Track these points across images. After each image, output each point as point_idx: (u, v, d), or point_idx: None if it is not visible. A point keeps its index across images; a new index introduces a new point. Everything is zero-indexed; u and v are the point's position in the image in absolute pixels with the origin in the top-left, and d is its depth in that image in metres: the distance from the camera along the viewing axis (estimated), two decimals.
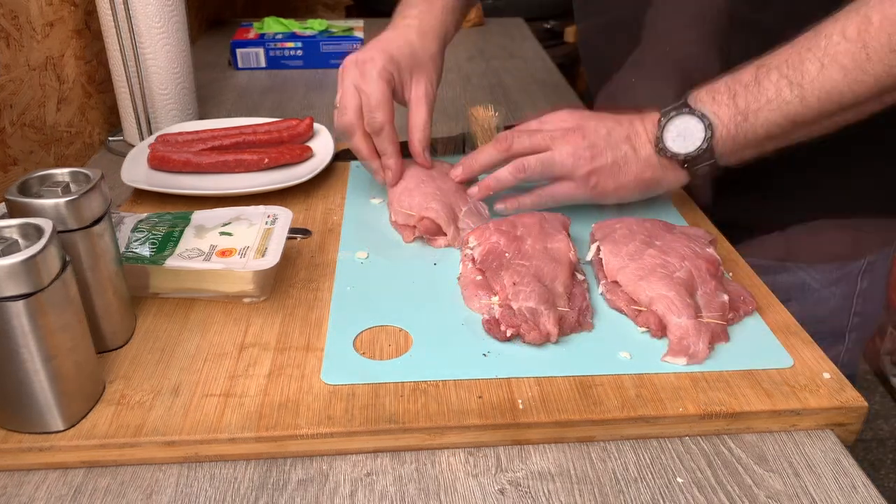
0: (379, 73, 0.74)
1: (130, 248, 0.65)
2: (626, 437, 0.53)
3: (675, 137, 0.68)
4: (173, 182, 0.84)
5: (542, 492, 0.49)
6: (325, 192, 0.84)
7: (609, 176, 0.70)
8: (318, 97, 1.20)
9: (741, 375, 0.56)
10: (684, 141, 0.67)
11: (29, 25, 0.86)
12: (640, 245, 0.65)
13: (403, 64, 0.77)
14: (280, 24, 1.39)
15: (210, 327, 0.61)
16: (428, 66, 0.79)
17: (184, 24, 0.99)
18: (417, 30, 0.80)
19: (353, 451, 0.52)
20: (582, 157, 0.69)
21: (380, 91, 0.74)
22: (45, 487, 0.49)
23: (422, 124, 0.78)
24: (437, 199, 0.73)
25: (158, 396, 0.54)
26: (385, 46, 0.77)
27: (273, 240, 0.66)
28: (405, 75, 0.78)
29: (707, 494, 0.48)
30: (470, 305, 0.63)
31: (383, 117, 0.74)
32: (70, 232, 0.53)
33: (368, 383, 0.55)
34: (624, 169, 0.70)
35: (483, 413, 0.52)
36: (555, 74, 1.32)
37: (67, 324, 0.49)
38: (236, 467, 0.51)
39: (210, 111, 1.14)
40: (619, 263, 0.64)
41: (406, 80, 0.78)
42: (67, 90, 0.95)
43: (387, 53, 0.76)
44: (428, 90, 0.79)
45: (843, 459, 0.51)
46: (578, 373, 0.56)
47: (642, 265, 0.63)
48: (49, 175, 0.55)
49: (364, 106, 0.75)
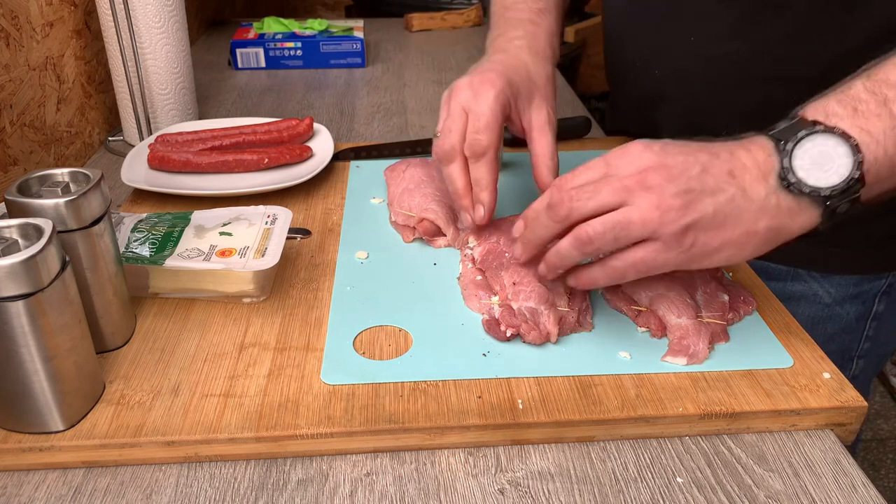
0: (496, 94, 0.64)
1: (130, 248, 0.65)
2: (626, 437, 0.53)
3: (810, 167, 0.50)
4: (173, 182, 0.84)
5: (542, 492, 0.49)
6: (325, 192, 0.84)
7: (711, 231, 0.51)
8: (317, 97, 1.20)
9: (741, 375, 0.56)
10: (823, 170, 0.50)
11: (29, 25, 0.86)
12: None
13: (522, 88, 0.67)
14: (280, 24, 1.39)
15: (210, 327, 0.61)
16: (546, 89, 0.69)
17: (183, 24, 0.99)
18: (529, 50, 0.71)
19: (353, 451, 0.52)
20: (671, 209, 0.50)
21: (492, 113, 0.64)
22: (44, 487, 0.49)
23: (549, 152, 0.66)
24: (437, 200, 0.73)
25: (158, 396, 0.54)
26: (502, 69, 0.67)
27: (273, 240, 0.66)
28: (523, 101, 0.67)
29: (707, 494, 0.48)
30: (469, 305, 0.63)
31: (488, 141, 0.63)
32: (70, 232, 0.53)
33: (368, 383, 0.55)
34: (732, 219, 0.51)
35: (483, 413, 0.52)
36: None
37: (67, 324, 0.49)
38: (236, 467, 0.51)
39: (210, 111, 1.14)
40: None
41: (524, 106, 0.68)
42: (67, 90, 0.95)
43: (505, 76, 0.66)
44: (551, 116, 0.68)
45: (842, 459, 0.51)
46: (578, 373, 0.56)
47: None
48: (49, 175, 0.55)
49: (470, 127, 0.64)
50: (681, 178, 0.50)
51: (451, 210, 0.73)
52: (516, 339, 0.59)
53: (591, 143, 0.97)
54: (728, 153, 0.52)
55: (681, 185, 0.50)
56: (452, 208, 0.74)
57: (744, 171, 0.51)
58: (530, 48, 0.71)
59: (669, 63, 0.78)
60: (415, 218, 0.72)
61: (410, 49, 1.47)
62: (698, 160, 0.51)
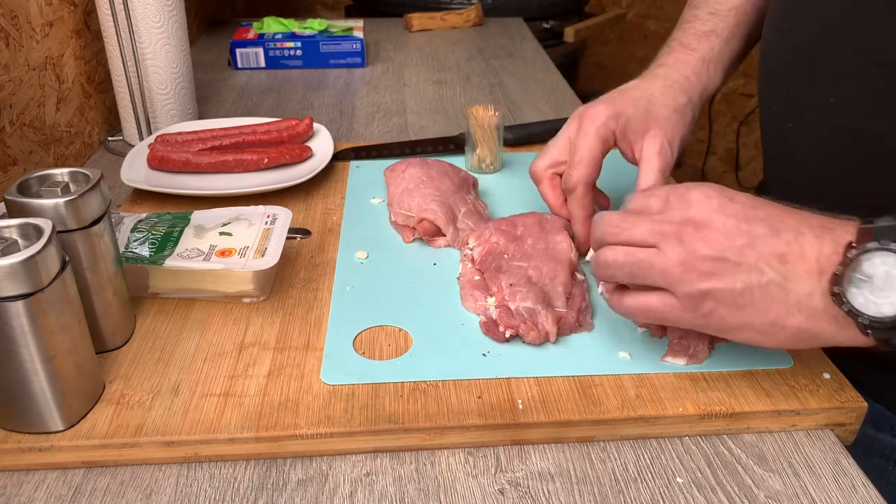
0: (597, 129, 0.65)
1: (130, 248, 0.65)
2: (626, 437, 0.53)
3: (867, 285, 0.44)
4: (173, 182, 0.84)
5: (542, 492, 0.49)
6: (325, 192, 0.84)
7: (732, 307, 0.47)
8: (317, 97, 1.20)
9: (741, 375, 0.56)
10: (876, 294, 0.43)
11: (28, 25, 0.86)
12: None
13: (634, 121, 0.66)
14: (279, 24, 1.39)
15: (210, 327, 0.61)
16: (668, 120, 0.67)
17: (183, 24, 0.99)
18: (664, 80, 0.70)
19: (353, 451, 0.52)
20: (693, 270, 0.47)
21: (588, 149, 0.64)
22: (44, 487, 0.49)
23: (649, 184, 0.64)
24: (436, 200, 0.73)
25: (158, 396, 0.54)
26: (616, 99, 0.67)
27: (272, 240, 0.66)
28: (634, 133, 0.66)
29: (707, 494, 0.48)
30: (465, 306, 0.63)
31: (578, 177, 0.65)
32: (69, 232, 0.53)
33: (368, 383, 0.55)
34: (760, 303, 0.47)
35: (482, 413, 0.52)
36: (554, 74, 1.32)
37: (67, 324, 0.49)
38: (236, 467, 0.51)
39: (209, 111, 1.14)
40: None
41: (635, 137, 0.66)
42: (67, 90, 0.95)
43: (614, 108, 0.66)
44: (663, 147, 0.65)
45: (842, 459, 0.51)
46: (578, 373, 0.56)
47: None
48: (48, 175, 0.55)
49: (568, 159, 0.66)
50: (720, 242, 0.47)
51: (451, 210, 0.73)
52: (516, 339, 0.59)
53: None
54: (794, 234, 0.47)
55: (714, 251, 0.47)
56: (452, 208, 0.74)
57: (799, 259, 0.46)
58: (667, 78, 0.70)
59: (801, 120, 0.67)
60: (414, 218, 0.72)
61: (410, 49, 1.47)
62: (751, 231, 0.47)
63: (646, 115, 0.67)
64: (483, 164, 0.88)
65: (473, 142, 0.87)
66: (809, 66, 0.64)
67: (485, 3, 1.77)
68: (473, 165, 0.88)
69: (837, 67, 0.61)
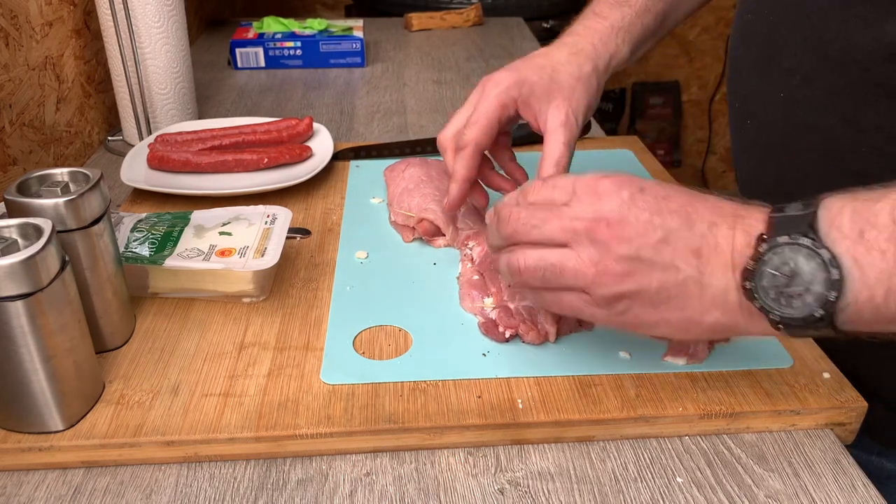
0: (497, 94, 0.65)
1: (130, 248, 0.65)
2: (626, 437, 0.53)
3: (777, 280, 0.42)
4: (172, 182, 0.84)
5: (542, 491, 0.49)
6: (325, 192, 0.84)
7: (648, 306, 0.46)
8: (317, 97, 1.20)
9: (741, 375, 0.56)
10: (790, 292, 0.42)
11: (28, 25, 0.86)
12: None
13: (538, 87, 0.65)
14: (279, 24, 1.39)
15: (209, 327, 0.61)
16: (573, 89, 0.66)
17: (183, 23, 0.99)
18: (571, 48, 0.69)
19: (353, 450, 0.52)
20: (607, 272, 0.45)
21: (485, 111, 0.64)
22: (44, 487, 0.49)
23: (555, 157, 0.63)
24: (436, 200, 0.73)
25: (158, 396, 0.54)
26: (521, 66, 0.67)
27: (272, 239, 0.66)
28: (539, 101, 0.65)
29: (706, 494, 0.48)
30: (463, 306, 0.63)
31: (470, 137, 0.64)
32: (69, 232, 0.53)
33: (368, 383, 0.55)
34: (676, 301, 0.45)
35: (482, 413, 0.52)
36: None
37: (66, 324, 0.49)
38: (236, 467, 0.51)
39: (209, 111, 1.14)
40: None
41: (540, 106, 0.65)
42: (66, 90, 0.95)
43: (518, 75, 0.65)
44: (568, 118, 0.64)
45: (842, 459, 0.51)
46: (578, 372, 0.56)
47: None
48: (48, 175, 0.55)
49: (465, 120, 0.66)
50: (634, 241, 0.45)
51: None
52: (516, 339, 0.59)
53: (591, 143, 0.96)
54: (708, 225, 0.45)
55: (629, 251, 0.45)
56: None
57: (713, 252, 0.44)
58: (573, 46, 0.69)
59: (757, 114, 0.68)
60: (414, 218, 0.72)
61: (410, 49, 1.47)
62: (665, 225, 0.45)
63: (549, 84, 0.65)
64: None
65: None
66: (766, 60, 0.64)
67: (485, 3, 1.77)
68: None
69: (788, 62, 0.61)
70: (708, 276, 0.44)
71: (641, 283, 0.45)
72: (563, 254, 0.47)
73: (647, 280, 0.45)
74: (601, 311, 0.47)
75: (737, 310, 0.45)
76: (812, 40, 0.59)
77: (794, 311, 0.42)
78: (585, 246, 0.46)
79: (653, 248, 0.45)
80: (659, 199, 0.46)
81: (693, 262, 0.45)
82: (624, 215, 0.45)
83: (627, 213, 0.45)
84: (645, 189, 0.47)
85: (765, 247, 0.42)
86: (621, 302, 0.46)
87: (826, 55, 0.58)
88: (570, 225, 0.46)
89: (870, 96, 0.56)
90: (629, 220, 0.45)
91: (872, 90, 0.56)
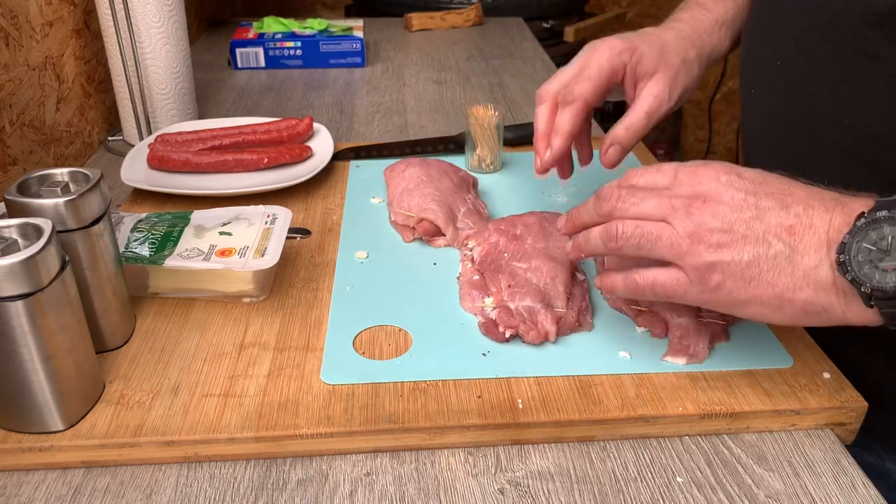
0: (610, 56, 0.65)
1: (130, 248, 0.65)
2: (626, 437, 0.53)
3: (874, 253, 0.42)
4: (173, 182, 0.84)
5: (542, 491, 0.49)
6: (325, 192, 0.84)
7: (740, 280, 0.47)
8: (317, 97, 1.20)
9: (741, 375, 0.56)
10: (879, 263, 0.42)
11: (28, 25, 0.86)
12: None
13: (647, 58, 0.66)
14: (279, 24, 1.39)
15: (209, 327, 0.61)
16: (676, 68, 0.67)
17: (183, 23, 0.99)
18: (678, 33, 0.70)
19: (353, 450, 0.52)
20: (701, 242, 0.47)
21: (597, 69, 0.65)
22: (44, 487, 0.49)
23: (630, 122, 0.65)
24: (436, 200, 0.73)
25: (158, 396, 0.54)
26: (633, 37, 0.68)
27: (272, 239, 0.66)
28: (644, 71, 0.66)
29: (707, 494, 0.48)
30: (463, 306, 0.63)
31: (580, 91, 0.64)
32: (69, 232, 0.53)
33: (368, 383, 0.55)
34: (764, 276, 0.46)
35: (482, 413, 0.52)
36: None
37: (66, 324, 0.49)
38: (236, 467, 0.51)
39: (209, 111, 1.14)
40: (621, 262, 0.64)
41: (643, 76, 0.66)
42: (67, 90, 0.95)
43: (631, 42, 0.66)
44: (662, 92, 0.66)
45: (842, 459, 0.51)
46: (578, 372, 0.56)
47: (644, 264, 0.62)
48: (48, 175, 0.55)
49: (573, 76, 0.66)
50: (728, 216, 0.47)
51: (451, 209, 0.73)
52: (516, 339, 0.59)
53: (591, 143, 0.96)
54: (804, 206, 0.46)
55: (723, 223, 0.47)
56: (452, 208, 0.74)
57: (807, 231, 0.45)
58: (680, 31, 0.70)
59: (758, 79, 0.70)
60: (414, 218, 0.72)
61: (410, 49, 1.47)
62: (759, 204, 0.47)
63: (658, 58, 0.67)
64: (483, 164, 0.88)
65: (473, 141, 0.87)
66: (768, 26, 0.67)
67: (485, 3, 1.77)
68: (473, 165, 0.88)
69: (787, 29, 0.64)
70: (800, 252, 0.45)
71: (733, 254, 0.46)
72: (660, 225, 0.49)
73: (738, 252, 0.46)
74: (694, 289, 0.48)
75: (829, 287, 0.45)
76: (809, 7, 0.61)
77: (887, 283, 0.42)
78: (682, 219, 0.48)
79: (745, 223, 0.46)
80: (756, 183, 0.48)
81: (785, 238, 0.46)
82: (720, 193, 0.48)
83: (724, 191, 0.48)
84: (743, 175, 0.49)
85: (863, 221, 0.43)
86: (713, 275, 0.47)
87: (819, 21, 0.60)
88: (669, 202, 0.49)
89: (853, 64, 0.58)
90: (724, 199, 0.47)
91: (857, 59, 0.57)
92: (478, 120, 0.86)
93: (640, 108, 0.66)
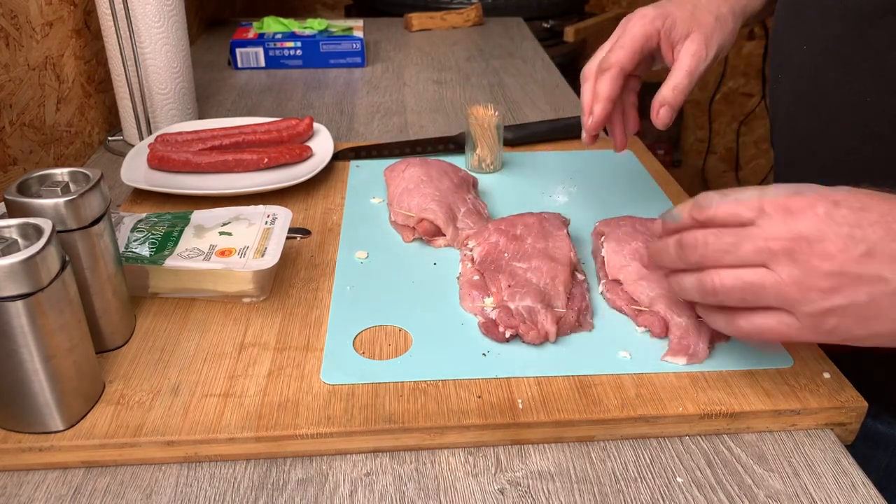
0: (643, 24, 0.67)
1: (130, 248, 0.65)
2: (626, 437, 0.53)
3: None
4: (173, 182, 0.84)
5: (542, 491, 0.49)
6: (325, 192, 0.84)
7: (858, 320, 0.45)
8: (317, 97, 1.20)
9: (741, 375, 0.56)
10: None
11: (28, 25, 0.86)
12: (643, 244, 0.65)
13: (680, 21, 0.67)
14: (279, 24, 1.39)
15: (210, 327, 0.61)
16: (710, 26, 0.68)
17: (183, 23, 0.99)
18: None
19: (353, 450, 0.52)
20: (813, 289, 0.44)
21: (631, 37, 0.67)
22: (44, 487, 0.49)
23: (675, 83, 0.66)
24: (436, 200, 0.73)
25: (158, 396, 0.54)
26: (664, 3, 0.69)
27: (272, 239, 0.66)
28: (679, 34, 0.67)
29: (707, 494, 0.48)
30: (463, 306, 0.63)
31: (616, 59, 0.66)
32: (69, 232, 0.53)
33: (368, 383, 0.55)
34: (885, 313, 0.44)
35: (482, 413, 0.52)
36: (554, 74, 1.32)
37: (66, 324, 0.49)
38: (236, 467, 0.51)
39: (209, 111, 1.14)
40: (621, 262, 0.64)
41: (678, 38, 0.67)
42: (67, 90, 0.95)
43: (663, 9, 0.68)
44: (699, 50, 0.66)
45: (842, 459, 0.51)
46: (578, 372, 0.56)
47: (644, 264, 0.63)
48: (48, 175, 0.55)
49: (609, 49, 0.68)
50: (837, 257, 0.43)
51: (451, 209, 0.73)
52: (516, 339, 0.59)
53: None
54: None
55: (833, 267, 0.43)
56: (452, 208, 0.74)
57: None
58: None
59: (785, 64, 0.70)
60: (414, 218, 0.72)
61: (410, 49, 1.47)
62: (867, 238, 0.43)
63: (690, 19, 0.67)
64: (483, 164, 0.88)
65: (473, 141, 0.87)
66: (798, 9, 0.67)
67: (485, 3, 1.77)
68: (473, 165, 0.88)
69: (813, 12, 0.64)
70: None
71: (850, 297, 0.44)
72: (762, 273, 0.45)
73: (855, 294, 0.44)
74: (806, 331, 0.46)
75: None
76: None
77: None
78: (785, 265, 0.45)
79: (857, 263, 0.43)
80: (856, 211, 0.44)
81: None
82: (823, 232, 0.44)
83: (826, 229, 0.44)
84: (839, 202, 0.45)
85: None
86: (829, 319, 0.45)
87: (844, 7, 0.60)
88: (766, 245, 0.45)
89: (870, 50, 0.57)
90: (829, 237, 0.44)
91: (874, 43, 0.57)
92: (478, 120, 0.86)
93: (681, 68, 0.66)
